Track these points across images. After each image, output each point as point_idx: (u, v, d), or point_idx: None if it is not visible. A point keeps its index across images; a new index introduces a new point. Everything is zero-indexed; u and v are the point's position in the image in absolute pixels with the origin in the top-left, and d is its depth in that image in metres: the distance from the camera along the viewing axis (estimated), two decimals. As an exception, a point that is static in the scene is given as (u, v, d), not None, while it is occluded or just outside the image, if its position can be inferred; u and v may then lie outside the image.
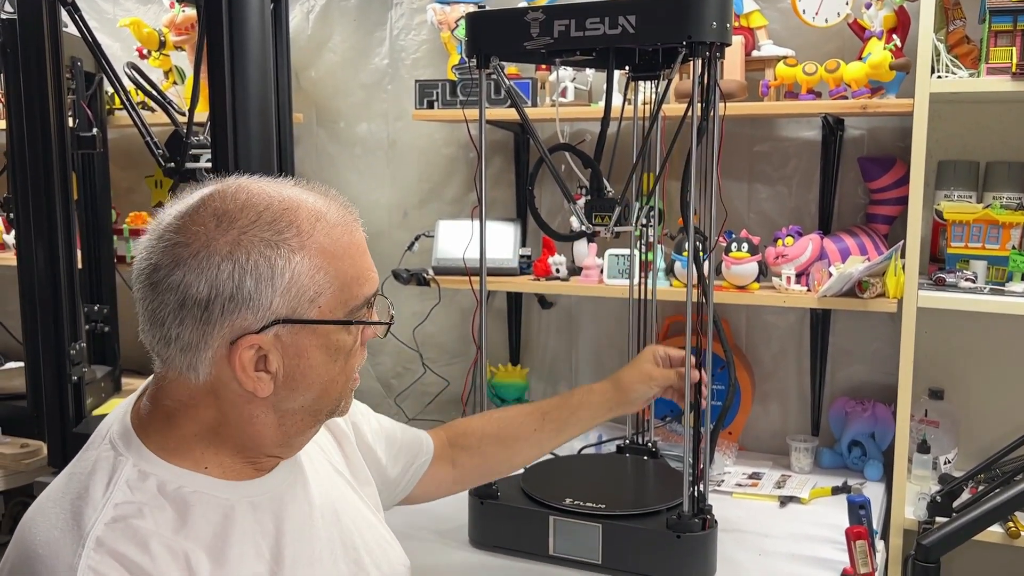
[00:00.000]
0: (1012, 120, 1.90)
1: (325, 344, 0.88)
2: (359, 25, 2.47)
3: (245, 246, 0.83)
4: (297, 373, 0.88)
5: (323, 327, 0.87)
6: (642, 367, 1.46)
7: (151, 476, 0.86)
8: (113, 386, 2.45)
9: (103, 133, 2.39)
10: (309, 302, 0.86)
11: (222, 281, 0.82)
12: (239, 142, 1.60)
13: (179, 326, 0.83)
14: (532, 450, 1.42)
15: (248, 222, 0.84)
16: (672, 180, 2.10)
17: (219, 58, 1.58)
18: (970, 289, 1.75)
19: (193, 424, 0.89)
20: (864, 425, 2.00)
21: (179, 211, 0.86)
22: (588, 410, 1.42)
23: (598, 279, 2.07)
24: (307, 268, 0.85)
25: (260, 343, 0.84)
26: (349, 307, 0.89)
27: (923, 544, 1.31)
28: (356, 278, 0.90)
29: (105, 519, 0.81)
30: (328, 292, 0.87)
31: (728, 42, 1.39)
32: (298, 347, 0.87)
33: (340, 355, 0.90)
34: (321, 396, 0.91)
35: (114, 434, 0.89)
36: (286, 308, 0.84)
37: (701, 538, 1.47)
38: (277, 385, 0.87)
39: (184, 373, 0.86)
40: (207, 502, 0.87)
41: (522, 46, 1.45)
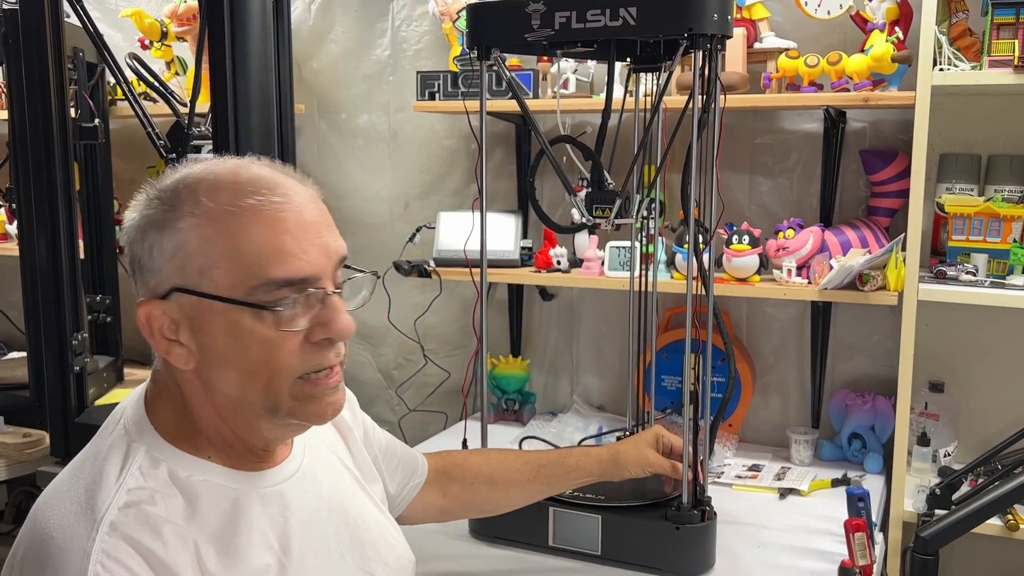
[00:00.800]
0: (1014, 113, 1.90)
1: (229, 325, 0.84)
2: (360, 16, 2.46)
3: (150, 215, 0.86)
4: (208, 353, 0.86)
5: (222, 304, 0.83)
6: (641, 450, 1.46)
7: (163, 463, 0.87)
8: (115, 376, 2.46)
9: (105, 124, 2.39)
10: (198, 272, 0.83)
11: (135, 246, 0.87)
12: (240, 133, 1.61)
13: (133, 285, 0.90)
14: (520, 497, 1.43)
15: (165, 191, 0.87)
16: (673, 172, 2.10)
17: (221, 49, 1.58)
18: (971, 282, 1.75)
19: (169, 397, 0.91)
20: (864, 418, 2.01)
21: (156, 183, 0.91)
22: (581, 473, 1.43)
23: (599, 271, 2.07)
24: (194, 237, 0.83)
25: (166, 311, 0.85)
26: (248, 287, 0.83)
27: (922, 536, 1.32)
28: (260, 256, 0.83)
29: (119, 504, 0.82)
30: (222, 266, 0.83)
31: (729, 34, 1.39)
32: (201, 321, 0.85)
33: (250, 340, 0.84)
34: (244, 384, 0.86)
35: (128, 420, 0.90)
36: (177, 276, 0.84)
37: (700, 530, 1.48)
38: (197, 361, 0.87)
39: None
40: (216, 492, 0.88)
41: (523, 38, 1.45)
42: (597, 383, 2.38)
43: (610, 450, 1.46)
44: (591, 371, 2.38)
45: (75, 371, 1.91)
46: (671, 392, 2.19)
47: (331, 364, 0.89)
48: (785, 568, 1.56)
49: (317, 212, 0.89)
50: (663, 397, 2.18)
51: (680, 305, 2.16)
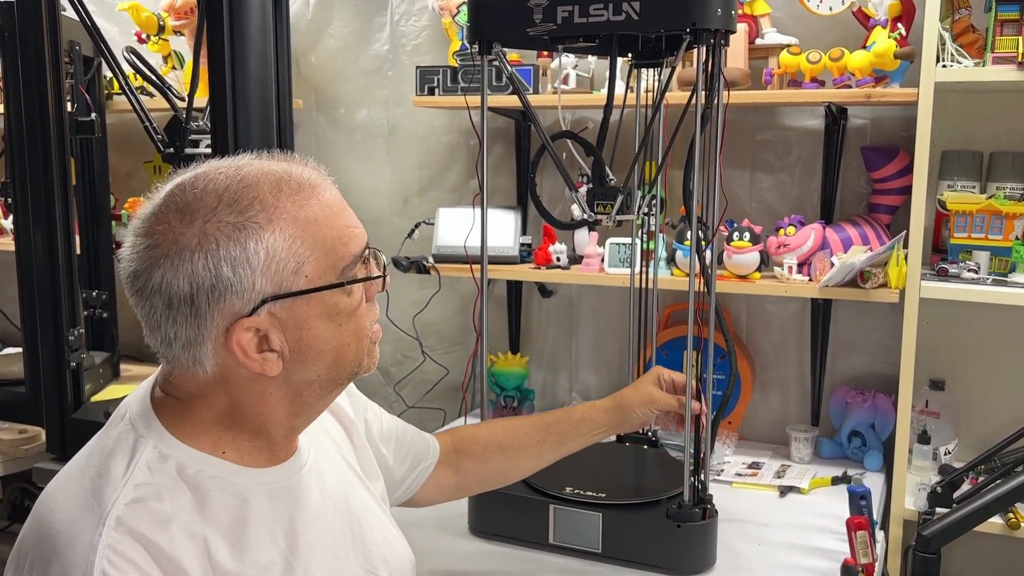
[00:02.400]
0: (1017, 110, 1.89)
1: (324, 311, 0.87)
2: (359, 11, 2.45)
3: (212, 234, 0.82)
4: (303, 346, 0.87)
5: (317, 295, 0.86)
6: (646, 389, 1.46)
7: (171, 458, 0.86)
8: (112, 372, 2.45)
9: (102, 118, 2.37)
10: (293, 274, 0.85)
11: (199, 274, 0.82)
12: (239, 128, 1.60)
13: (174, 326, 0.84)
14: (532, 461, 1.42)
15: (210, 209, 0.83)
16: (674, 169, 2.09)
17: (219, 43, 1.57)
18: (972, 280, 1.75)
19: (208, 411, 0.89)
20: (864, 415, 2.00)
21: (146, 213, 0.86)
22: (589, 426, 1.43)
23: (599, 268, 2.06)
24: (281, 241, 0.84)
25: (256, 325, 0.84)
26: (339, 269, 0.88)
27: (924, 535, 1.31)
28: (338, 238, 0.88)
29: (125, 499, 0.81)
30: (311, 260, 0.85)
31: (733, 29, 1.38)
32: (296, 320, 0.86)
33: (343, 317, 0.89)
34: (336, 362, 0.90)
35: (134, 415, 0.89)
36: (271, 285, 0.84)
37: (701, 528, 1.47)
38: (286, 361, 0.87)
39: (192, 369, 0.86)
40: (225, 488, 0.88)
41: (525, 32, 1.44)
42: (596, 380, 2.37)
43: (613, 398, 1.46)
44: (590, 368, 2.38)
45: (71, 367, 1.90)
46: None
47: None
48: (787, 566, 1.56)
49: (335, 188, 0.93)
50: (663, 394, 2.17)
51: (680, 302, 2.16)
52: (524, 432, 1.40)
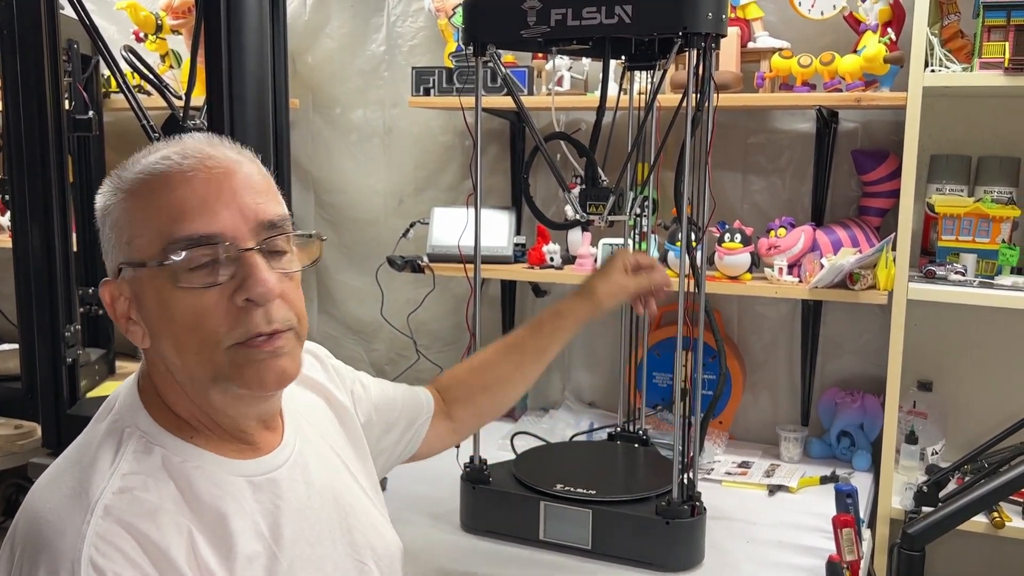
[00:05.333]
0: (1004, 115, 1.91)
1: (155, 291, 0.86)
2: (356, 11, 2.47)
3: (104, 193, 0.89)
4: (151, 325, 0.88)
5: (147, 271, 0.85)
6: (615, 279, 1.43)
7: (156, 449, 0.87)
8: (107, 369, 2.46)
9: (99, 116, 2.38)
10: (127, 244, 0.86)
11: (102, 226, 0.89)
12: (235, 127, 1.61)
13: None
14: (519, 386, 1.41)
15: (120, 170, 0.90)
16: (666, 170, 2.11)
17: (216, 43, 1.58)
18: (960, 282, 1.77)
19: (146, 378, 0.93)
20: (853, 416, 2.02)
21: None
22: (563, 332, 1.40)
23: (592, 268, 2.08)
24: (121, 210, 0.87)
25: (118, 288, 0.88)
26: (160, 248, 0.84)
27: (909, 533, 1.34)
28: (171, 216, 0.84)
29: (112, 488, 0.82)
30: (142, 232, 0.86)
31: (724, 33, 1.40)
32: (139, 292, 0.87)
33: (176, 307, 0.85)
34: (180, 352, 0.87)
35: (122, 405, 0.91)
36: (119, 252, 0.88)
37: (689, 525, 1.49)
38: (150, 336, 0.89)
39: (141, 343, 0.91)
40: (208, 478, 0.88)
41: (519, 34, 1.46)
42: (589, 379, 2.39)
43: (581, 294, 1.43)
44: (583, 367, 2.39)
45: (67, 363, 1.91)
46: (662, 389, 2.20)
47: (261, 330, 0.86)
48: (773, 563, 1.57)
49: (241, 176, 0.88)
50: (654, 394, 2.19)
51: (672, 302, 2.17)
52: (502, 364, 1.39)
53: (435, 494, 1.77)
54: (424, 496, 1.75)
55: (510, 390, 1.41)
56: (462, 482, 1.66)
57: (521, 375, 1.40)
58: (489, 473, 1.64)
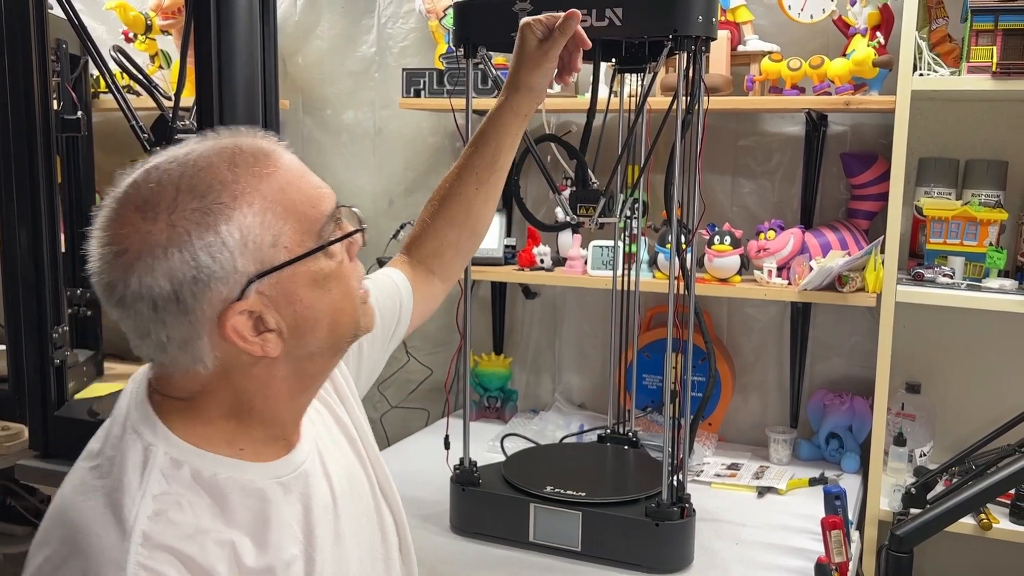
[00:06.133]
0: (992, 119, 1.93)
1: (311, 278, 0.85)
2: (347, 12, 2.46)
3: (181, 225, 0.78)
4: (299, 319, 0.84)
5: (301, 263, 0.83)
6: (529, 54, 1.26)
7: (184, 464, 0.83)
8: (95, 370, 2.44)
9: (88, 116, 2.37)
10: (272, 247, 0.82)
11: (177, 268, 0.78)
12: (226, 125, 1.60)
13: (164, 328, 0.80)
14: (485, 206, 1.33)
15: (171, 201, 0.79)
16: (656, 173, 2.11)
17: (206, 43, 1.58)
18: (948, 285, 1.78)
19: (216, 407, 0.86)
20: (842, 417, 2.03)
21: (103, 219, 0.81)
22: (507, 131, 1.29)
23: (582, 270, 2.09)
24: (252, 217, 0.81)
25: (247, 307, 0.81)
26: (315, 232, 0.85)
27: (896, 534, 1.34)
28: (307, 201, 0.85)
29: (146, 512, 0.78)
30: (286, 229, 0.82)
31: (714, 36, 1.41)
32: (287, 294, 0.83)
33: (331, 281, 0.86)
34: (333, 328, 0.88)
35: (135, 422, 0.85)
36: (253, 264, 0.81)
37: (679, 526, 1.50)
38: (285, 338, 0.84)
39: (192, 367, 0.83)
40: (242, 487, 0.85)
41: (510, 36, 1.45)
42: (579, 381, 2.39)
43: (507, 88, 1.29)
44: (573, 369, 2.39)
45: (55, 364, 1.90)
46: (652, 391, 2.20)
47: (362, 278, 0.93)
48: (762, 565, 1.58)
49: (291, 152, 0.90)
50: (644, 395, 2.20)
51: (662, 304, 2.18)
52: (460, 191, 1.30)
53: (425, 496, 1.77)
54: (414, 498, 1.74)
55: (477, 213, 1.32)
56: (452, 484, 1.66)
57: (483, 193, 1.31)
58: (479, 475, 1.64)
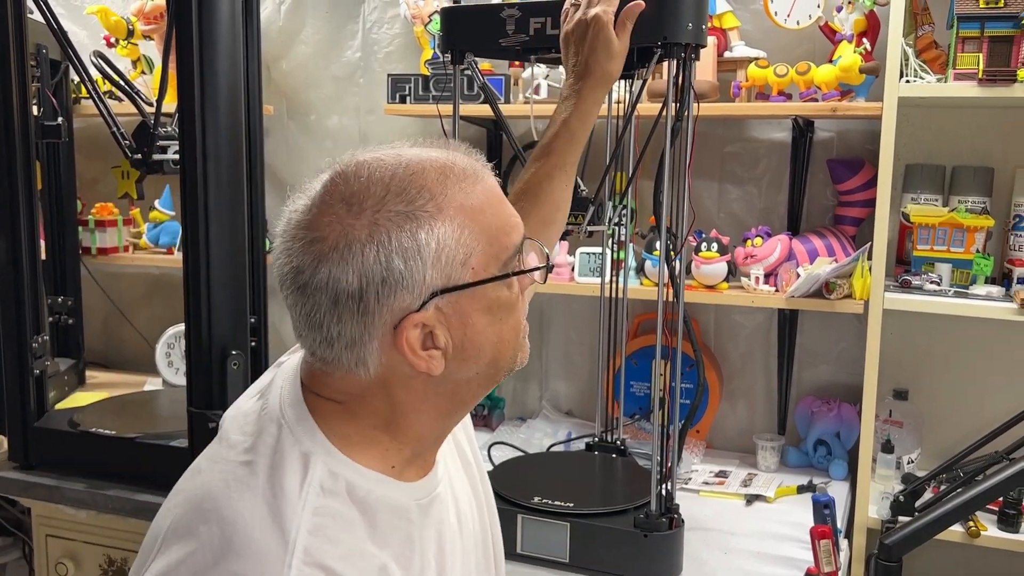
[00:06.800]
0: (978, 125, 1.93)
1: (487, 305, 0.83)
2: (331, 17, 2.45)
3: (383, 225, 0.77)
4: (467, 342, 0.83)
5: (482, 288, 0.82)
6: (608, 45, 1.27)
7: (340, 477, 0.82)
8: (77, 379, 2.42)
9: (68, 122, 2.35)
10: (461, 265, 0.80)
11: (370, 267, 0.77)
12: (207, 133, 1.58)
13: (338, 323, 0.79)
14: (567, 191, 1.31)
15: (378, 199, 0.78)
16: (644, 179, 2.11)
17: (188, 48, 1.56)
18: (935, 292, 1.78)
19: (371, 416, 0.85)
20: (830, 424, 2.03)
21: (305, 205, 0.81)
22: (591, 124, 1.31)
23: (569, 277, 2.07)
24: (451, 231, 0.79)
25: (424, 320, 0.80)
26: (502, 260, 0.83)
27: (885, 543, 1.33)
28: (501, 228, 0.84)
29: (307, 526, 0.77)
30: (478, 250, 0.81)
31: (703, 44, 1.40)
32: (462, 315, 0.82)
33: (504, 311, 0.85)
34: (495, 358, 0.86)
35: (291, 423, 0.84)
36: (440, 278, 0.79)
37: (668, 537, 1.48)
38: (448, 359, 0.82)
39: (352, 369, 0.81)
40: (391, 509, 0.84)
41: (497, 43, 1.45)
42: (566, 388, 2.38)
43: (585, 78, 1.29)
44: (560, 376, 2.38)
45: (35, 375, 1.87)
46: (640, 398, 2.19)
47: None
48: (751, 574, 1.57)
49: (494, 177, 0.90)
50: (632, 403, 2.19)
51: (649, 311, 2.17)
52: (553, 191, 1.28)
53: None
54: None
55: (565, 208, 1.33)
56: (439, 494, 1.64)
57: (569, 187, 1.31)
58: (466, 485, 1.62)
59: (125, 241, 2.55)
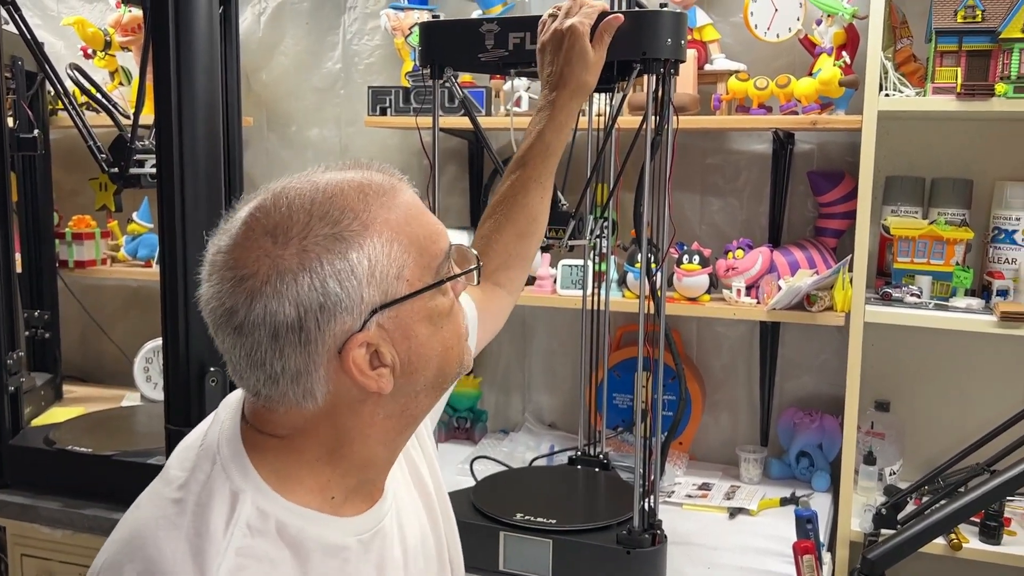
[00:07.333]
0: (957, 138, 1.94)
1: (427, 315, 0.83)
2: (311, 28, 2.43)
3: (312, 251, 0.77)
4: (412, 355, 0.83)
5: (419, 298, 0.82)
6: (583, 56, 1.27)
7: (271, 517, 0.80)
8: (54, 394, 2.39)
9: (45, 134, 2.32)
10: (396, 279, 0.81)
11: (305, 295, 0.76)
12: (184, 146, 1.57)
13: (281, 358, 0.78)
14: (546, 209, 1.33)
15: (303, 226, 0.78)
16: (625, 191, 2.11)
17: (165, 61, 1.55)
18: (915, 304, 1.78)
19: (314, 448, 0.83)
20: (812, 436, 2.03)
21: (227, 243, 0.80)
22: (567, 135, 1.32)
23: (551, 289, 2.07)
24: (380, 246, 0.80)
25: (367, 340, 0.79)
26: (433, 268, 0.84)
27: (868, 558, 1.33)
28: (428, 236, 0.85)
29: (228, 566, 0.76)
30: (409, 262, 0.82)
31: (683, 59, 1.40)
32: (404, 329, 0.82)
33: (443, 318, 0.85)
34: (442, 367, 0.86)
35: (225, 460, 0.83)
36: (378, 294, 0.79)
37: (650, 554, 1.48)
38: (396, 375, 0.82)
39: (299, 403, 0.80)
40: (325, 548, 0.83)
41: (477, 58, 1.44)
42: (549, 401, 2.37)
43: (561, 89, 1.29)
44: (543, 389, 2.37)
45: (9, 391, 1.84)
46: (622, 410, 2.19)
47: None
48: (735, 590, 1.57)
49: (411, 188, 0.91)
50: (614, 415, 2.18)
51: (631, 323, 2.17)
52: (527, 205, 1.29)
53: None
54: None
55: (541, 220, 1.33)
56: (420, 511, 1.62)
57: (545, 200, 1.32)
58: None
59: (103, 254, 2.53)
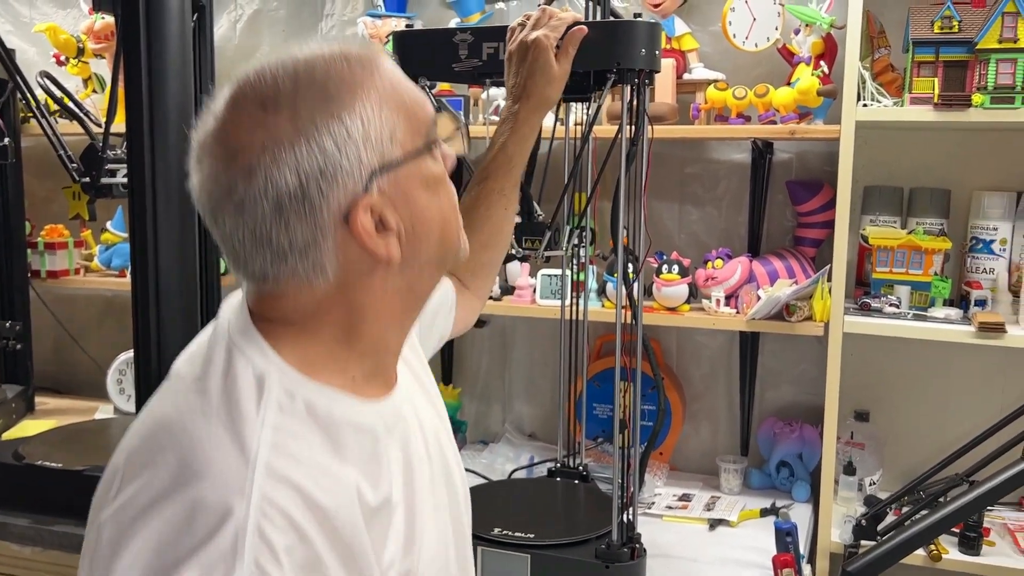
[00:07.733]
0: (934, 148, 1.94)
1: (423, 180, 0.82)
2: (288, 35, 2.41)
3: (306, 115, 0.75)
4: (415, 220, 0.81)
5: (415, 162, 0.81)
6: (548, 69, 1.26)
7: (298, 397, 0.78)
8: (26, 406, 2.35)
9: (16, 143, 2.29)
10: (390, 142, 0.79)
11: (304, 161, 0.74)
12: (157, 155, 1.55)
13: (287, 231, 0.76)
14: (509, 211, 1.31)
15: (292, 92, 0.76)
16: (604, 200, 2.10)
17: (136, 69, 1.52)
18: (894, 314, 1.78)
19: (328, 328, 0.81)
20: (792, 446, 2.02)
21: (214, 125, 0.77)
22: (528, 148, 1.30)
23: (531, 299, 2.05)
24: (371, 109, 0.78)
25: (371, 204, 0.77)
26: (423, 133, 0.82)
27: (848, 571, 1.32)
28: (415, 101, 0.82)
29: (267, 442, 0.73)
30: (400, 125, 0.80)
31: (657, 69, 1.39)
32: (403, 193, 0.80)
33: (438, 184, 0.84)
34: (443, 237, 0.85)
35: (242, 347, 0.79)
36: (375, 157, 0.77)
37: (630, 568, 1.46)
38: (402, 243, 0.80)
39: (310, 279, 0.78)
40: (355, 426, 0.80)
41: (451, 68, 1.43)
42: (529, 411, 2.35)
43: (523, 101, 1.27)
44: (523, 399, 2.36)
45: (-22, 404, 1.81)
46: (603, 420, 2.17)
47: None
48: (714, 603, 1.55)
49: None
50: (594, 425, 2.16)
51: (611, 333, 2.15)
52: (492, 216, 1.28)
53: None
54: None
55: (507, 231, 1.33)
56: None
57: (510, 211, 1.31)
58: (424, 515, 1.59)
59: (76, 264, 2.49)
